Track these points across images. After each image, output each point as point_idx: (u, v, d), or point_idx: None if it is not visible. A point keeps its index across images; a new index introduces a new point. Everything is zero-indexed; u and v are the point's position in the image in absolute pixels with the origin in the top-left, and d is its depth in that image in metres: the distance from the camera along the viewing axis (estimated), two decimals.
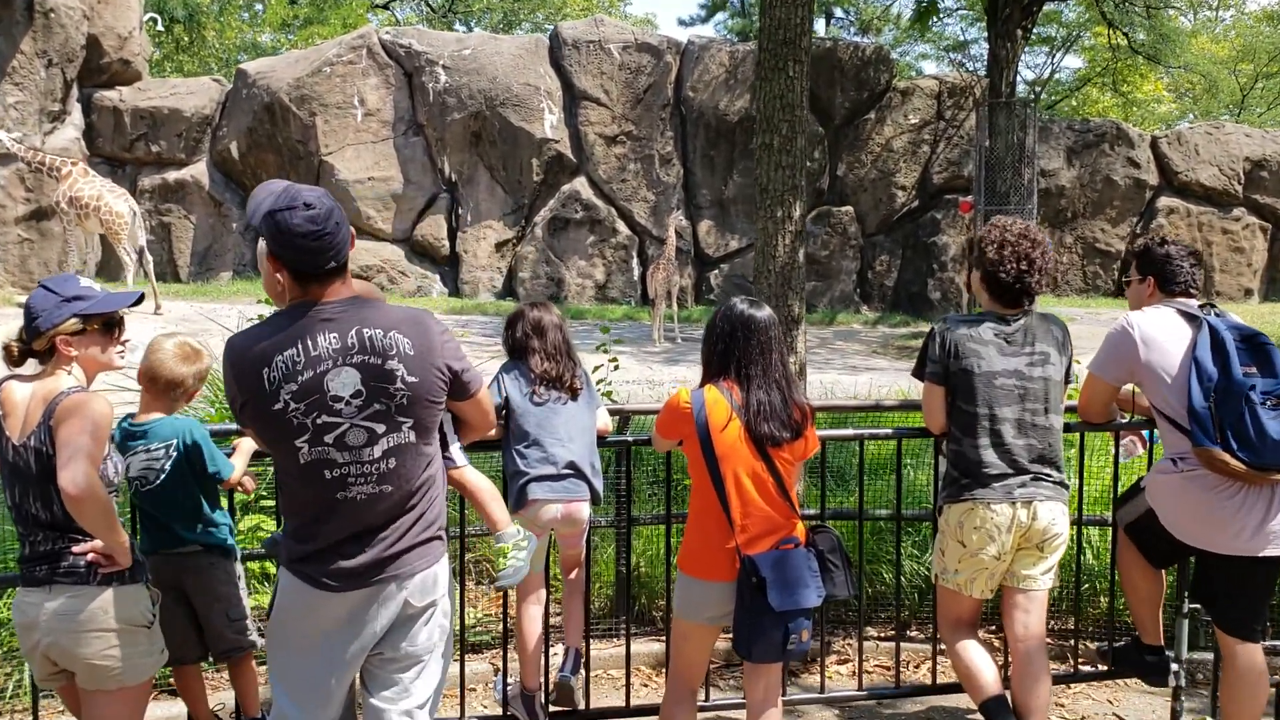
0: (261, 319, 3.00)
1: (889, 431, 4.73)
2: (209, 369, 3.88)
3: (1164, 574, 4.26)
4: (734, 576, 3.40)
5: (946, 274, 19.50)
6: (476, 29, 34.84)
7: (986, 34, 17.31)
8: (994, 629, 5.30)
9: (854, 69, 19.72)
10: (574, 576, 4.35)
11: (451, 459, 2.93)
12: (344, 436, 2.65)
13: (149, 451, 3.66)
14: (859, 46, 20.44)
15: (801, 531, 3.53)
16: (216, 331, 7.28)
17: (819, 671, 4.64)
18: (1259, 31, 33.24)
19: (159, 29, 26.37)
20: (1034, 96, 24.45)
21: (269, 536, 3.61)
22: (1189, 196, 20.89)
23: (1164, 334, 3.85)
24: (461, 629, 4.36)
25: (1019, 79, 19.12)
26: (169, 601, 3.59)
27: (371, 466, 2.68)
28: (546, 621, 4.32)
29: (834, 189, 20.03)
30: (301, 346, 2.63)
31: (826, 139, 19.77)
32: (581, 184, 19.55)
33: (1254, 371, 3.68)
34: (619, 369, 7.26)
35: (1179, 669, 4.34)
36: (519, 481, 4.01)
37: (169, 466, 3.65)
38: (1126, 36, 22.67)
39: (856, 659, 4.74)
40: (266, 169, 19.01)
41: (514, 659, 4.35)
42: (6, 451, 3.00)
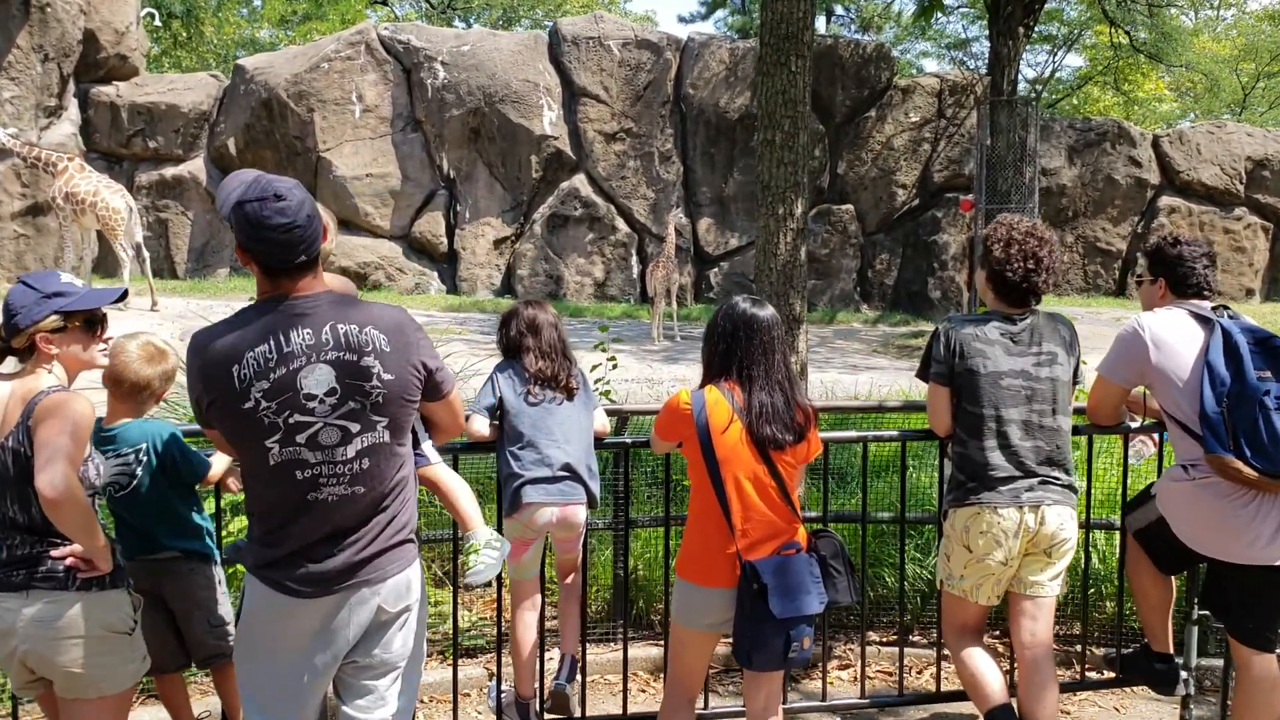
0: None
1: (893, 434, 4.64)
2: (176, 369, 3.72)
3: (1174, 580, 4.17)
4: (734, 582, 3.31)
5: (947, 273, 19.42)
6: (476, 25, 34.73)
7: (988, 32, 17.23)
8: (999, 634, 5.22)
9: (855, 67, 19.63)
10: (570, 581, 4.25)
11: (424, 456, 2.83)
12: (317, 436, 2.56)
13: (120, 456, 3.55)
14: (860, 44, 20.35)
15: (803, 536, 3.44)
16: None
17: (820, 677, 4.55)
18: (1261, 30, 33.14)
19: (157, 24, 26.26)
20: (1035, 95, 24.37)
21: (231, 543, 3.50)
22: (1190, 196, 20.81)
23: (1175, 336, 3.74)
24: (455, 632, 4.28)
25: (1020, 77, 19.03)
26: (148, 608, 3.49)
27: (344, 467, 2.59)
28: (542, 627, 4.23)
29: (834, 187, 19.93)
30: (274, 342, 2.54)
31: (827, 137, 19.67)
32: (581, 181, 19.46)
33: (1268, 376, 3.57)
34: (618, 368, 7.18)
35: (1188, 677, 4.26)
36: (513, 484, 3.90)
37: (140, 471, 3.54)
38: (1128, 35, 22.60)
39: (859, 665, 4.65)
40: (264, 165, 18.87)
41: (509, 664, 4.25)
42: None
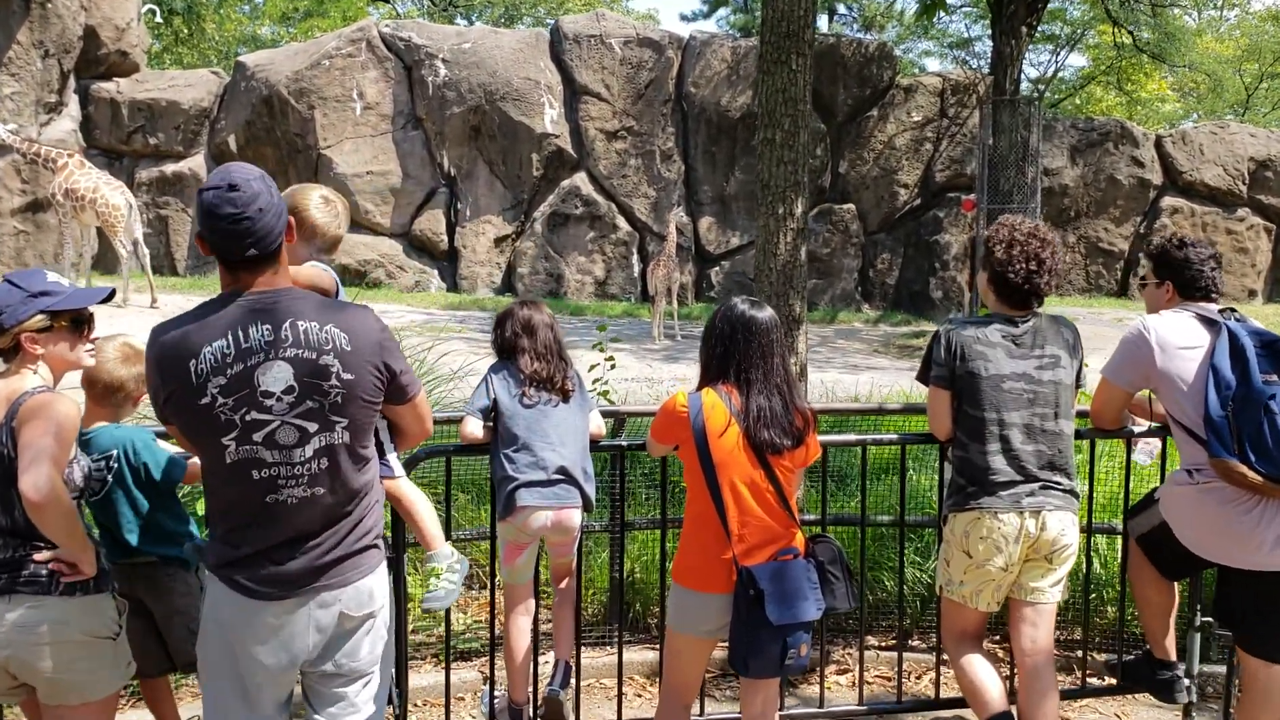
0: None
1: (893, 437, 4.60)
2: None
3: (1176, 586, 4.12)
4: (730, 588, 3.26)
5: (949, 273, 19.36)
6: (477, 22, 34.69)
7: (991, 31, 17.17)
8: (999, 638, 5.17)
9: (857, 66, 19.57)
10: (564, 586, 4.20)
11: (388, 468, 2.78)
12: (274, 434, 2.51)
13: (92, 462, 3.48)
14: (862, 43, 20.29)
15: (801, 541, 3.39)
16: None
17: (818, 682, 4.50)
18: (1264, 31, 33.06)
19: (158, 21, 26.22)
20: (1038, 94, 24.33)
21: (189, 543, 3.43)
22: (1193, 196, 20.75)
23: (1181, 339, 3.69)
24: (446, 635, 4.23)
25: (1023, 77, 18.98)
26: (130, 612, 3.44)
27: (302, 467, 2.54)
28: (536, 631, 4.18)
29: (836, 186, 19.88)
30: (232, 338, 2.49)
31: (829, 136, 19.61)
32: (581, 179, 19.41)
33: (1274, 379, 3.53)
34: (618, 367, 7.13)
35: (1190, 684, 4.21)
36: (507, 487, 3.85)
37: (111, 478, 3.46)
38: (1131, 35, 22.55)
39: (857, 670, 4.60)
40: (265, 162, 18.85)
41: (502, 668, 4.21)
42: None
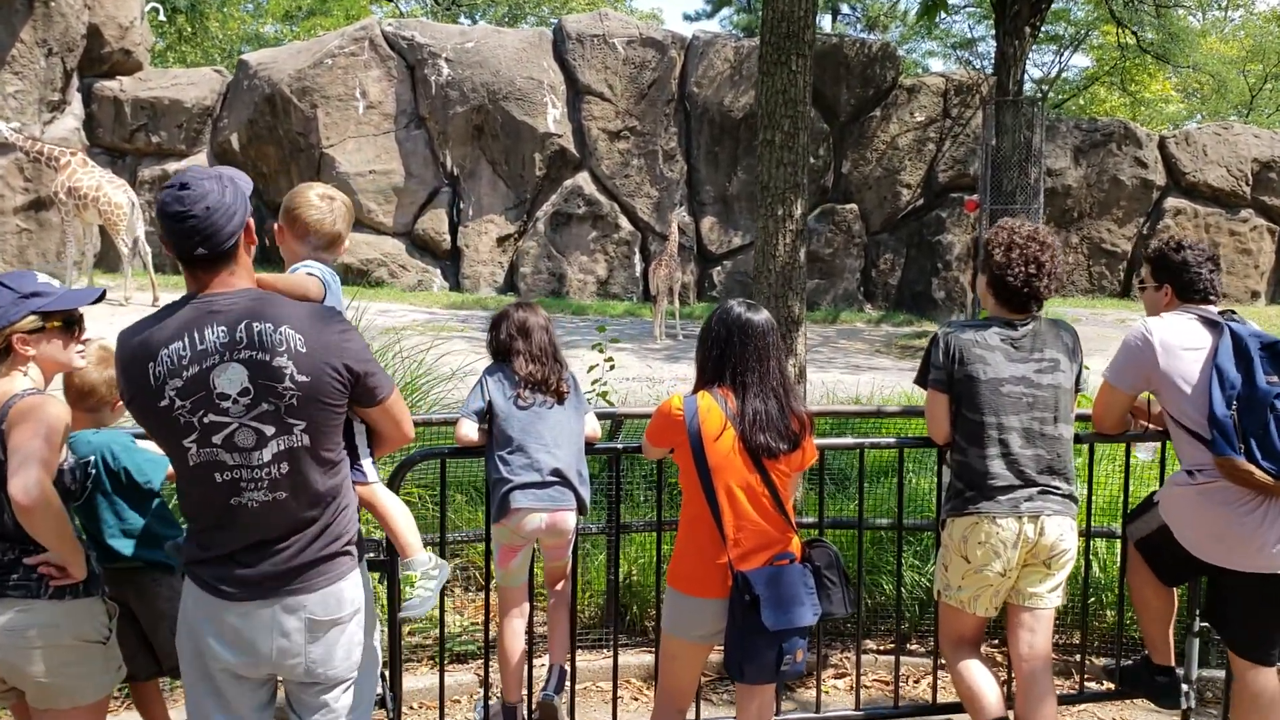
0: None
1: (891, 440, 4.58)
2: None
3: (1175, 591, 4.10)
4: (726, 593, 3.24)
5: (951, 273, 19.32)
6: (481, 22, 34.67)
7: (994, 31, 17.13)
8: (997, 643, 5.15)
9: (860, 66, 19.53)
10: (559, 589, 4.18)
11: (362, 473, 2.75)
12: (232, 437, 2.51)
13: (70, 466, 3.45)
14: (865, 43, 20.25)
15: (797, 546, 3.38)
16: None
17: (815, 687, 4.48)
18: (1268, 31, 32.96)
19: (161, 19, 26.22)
20: (1041, 95, 24.29)
21: (169, 542, 3.42)
22: (1196, 197, 20.70)
23: (1184, 341, 3.69)
24: (441, 638, 4.22)
25: (1026, 77, 18.93)
26: (118, 616, 3.43)
27: (262, 471, 2.53)
28: (531, 634, 4.17)
29: (838, 186, 19.84)
30: (188, 340, 2.49)
31: (831, 136, 19.57)
32: (584, 179, 19.39)
33: (1276, 380, 3.54)
34: (619, 367, 7.12)
35: (1189, 689, 4.19)
36: (501, 489, 3.84)
37: (90, 484, 3.42)
38: (1135, 35, 22.50)
39: (854, 674, 4.58)
40: (267, 161, 18.87)
41: (496, 671, 4.19)
42: None
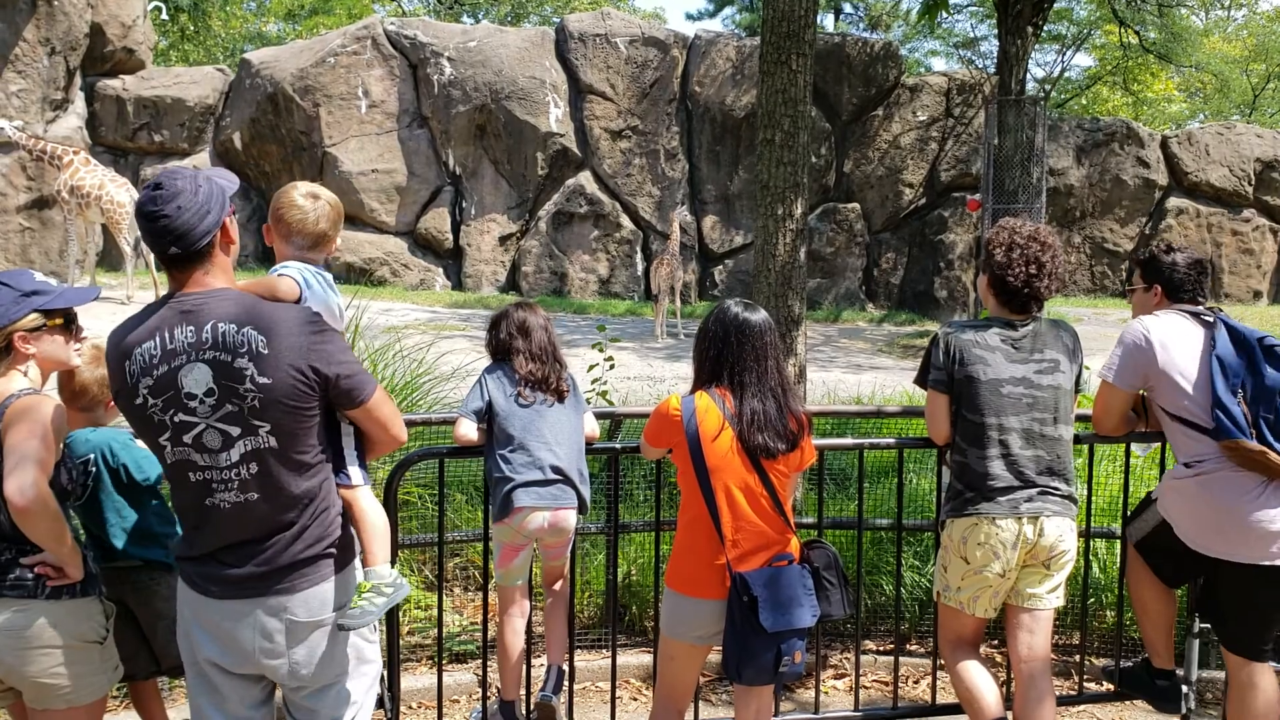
0: None
1: (890, 441, 4.57)
2: None
3: (1176, 594, 4.09)
4: (724, 594, 3.23)
5: (953, 272, 19.31)
6: (483, 21, 34.65)
7: (996, 31, 17.10)
8: (996, 643, 5.15)
9: (862, 65, 19.52)
10: (558, 589, 4.18)
11: (346, 477, 2.74)
12: (201, 438, 2.53)
13: (71, 466, 3.45)
14: (867, 42, 20.23)
15: (796, 547, 3.37)
16: None
17: (814, 687, 4.48)
18: (1271, 31, 32.91)
19: (164, 18, 26.22)
20: (1044, 94, 24.24)
21: (173, 540, 3.42)
22: (1199, 197, 20.68)
23: (1180, 337, 3.75)
24: (439, 638, 4.21)
25: (1029, 77, 18.89)
26: (116, 615, 3.43)
27: (231, 472, 2.54)
28: (530, 634, 4.16)
29: (840, 185, 19.83)
30: (159, 339, 2.54)
31: (833, 135, 19.56)
32: (586, 178, 19.38)
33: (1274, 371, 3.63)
34: (620, 366, 7.12)
35: (1189, 691, 4.19)
36: (503, 488, 3.84)
37: (91, 482, 3.42)
38: (1138, 35, 22.45)
39: (854, 675, 4.58)
40: (269, 160, 18.88)
41: (494, 671, 4.19)
42: None
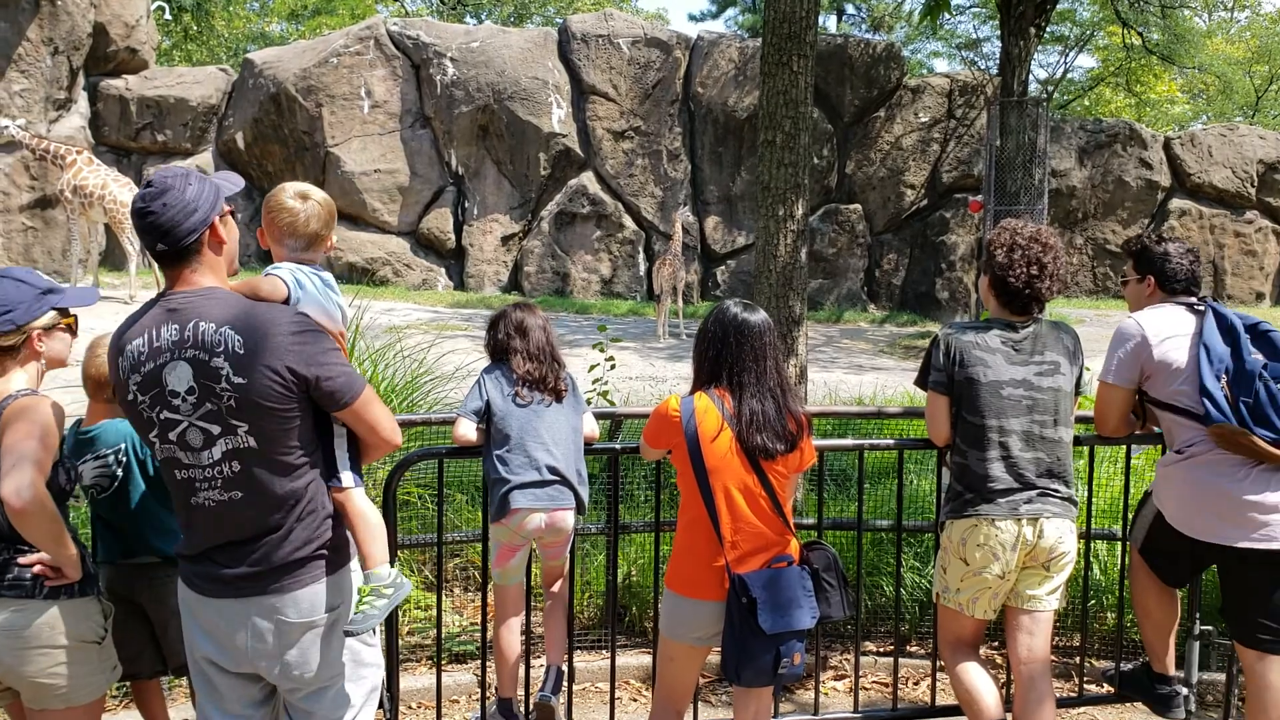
0: None
1: (890, 442, 4.56)
2: None
3: (1179, 596, 4.08)
4: (723, 595, 3.23)
5: (955, 273, 19.29)
6: (486, 21, 34.66)
7: (999, 32, 17.09)
8: (996, 645, 5.14)
9: (864, 66, 19.51)
10: (557, 589, 4.17)
11: (338, 480, 2.73)
12: (185, 435, 2.57)
13: (99, 459, 3.47)
14: (870, 44, 20.22)
15: (795, 548, 3.37)
16: None
17: (813, 688, 4.48)
18: (1275, 33, 32.89)
19: (167, 18, 26.24)
20: (1046, 96, 24.21)
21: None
22: (1201, 198, 20.66)
23: (1172, 328, 3.77)
24: (438, 638, 4.21)
25: (1031, 78, 18.90)
26: (125, 613, 3.43)
27: (214, 470, 2.57)
28: (528, 635, 4.16)
29: (842, 187, 19.82)
30: (147, 336, 2.59)
31: (835, 136, 19.55)
32: (589, 179, 19.38)
33: (1259, 357, 3.64)
34: (621, 366, 7.12)
35: (1189, 694, 4.18)
36: (500, 489, 3.83)
37: (120, 472, 3.45)
38: (1141, 36, 22.43)
39: (853, 676, 4.57)
40: (272, 160, 18.89)
41: (493, 672, 4.19)
42: None
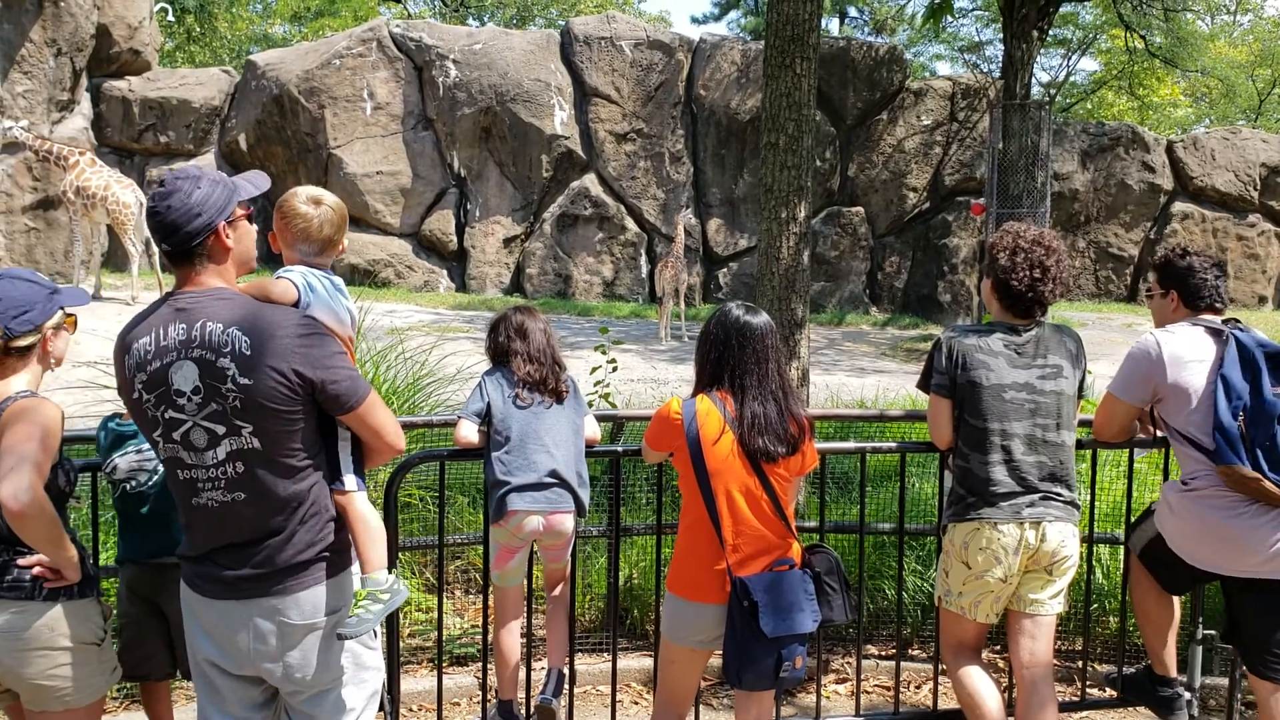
0: None
1: (892, 445, 4.56)
2: None
3: (1178, 601, 4.07)
4: (725, 599, 3.22)
5: (957, 276, 19.28)
6: (489, 23, 34.68)
7: (1002, 35, 17.09)
8: (998, 648, 5.13)
9: (867, 69, 19.51)
10: (558, 592, 4.16)
11: (341, 483, 2.73)
12: (188, 435, 2.57)
13: (140, 452, 3.47)
14: (872, 46, 20.21)
15: (797, 552, 3.36)
16: None
17: (815, 692, 4.47)
18: (1277, 36, 32.87)
19: (170, 19, 26.27)
20: (1049, 99, 24.21)
21: None
22: (1204, 202, 20.63)
23: (1191, 353, 3.67)
24: (439, 640, 4.20)
25: (1034, 81, 18.88)
26: (144, 613, 3.44)
27: (217, 470, 2.57)
28: (529, 637, 4.15)
29: (845, 189, 19.81)
30: (154, 336, 2.60)
31: (838, 139, 19.55)
32: (591, 181, 19.38)
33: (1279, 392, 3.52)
34: (623, 369, 7.11)
35: (1192, 698, 4.17)
36: (499, 491, 3.83)
37: (159, 467, 3.42)
38: (1144, 39, 22.43)
39: (855, 680, 4.56)
40: (275, 161, 18.89)
41: (494, 675, 4.18)
42: None
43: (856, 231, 19.63)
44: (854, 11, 32.54)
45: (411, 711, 4.71)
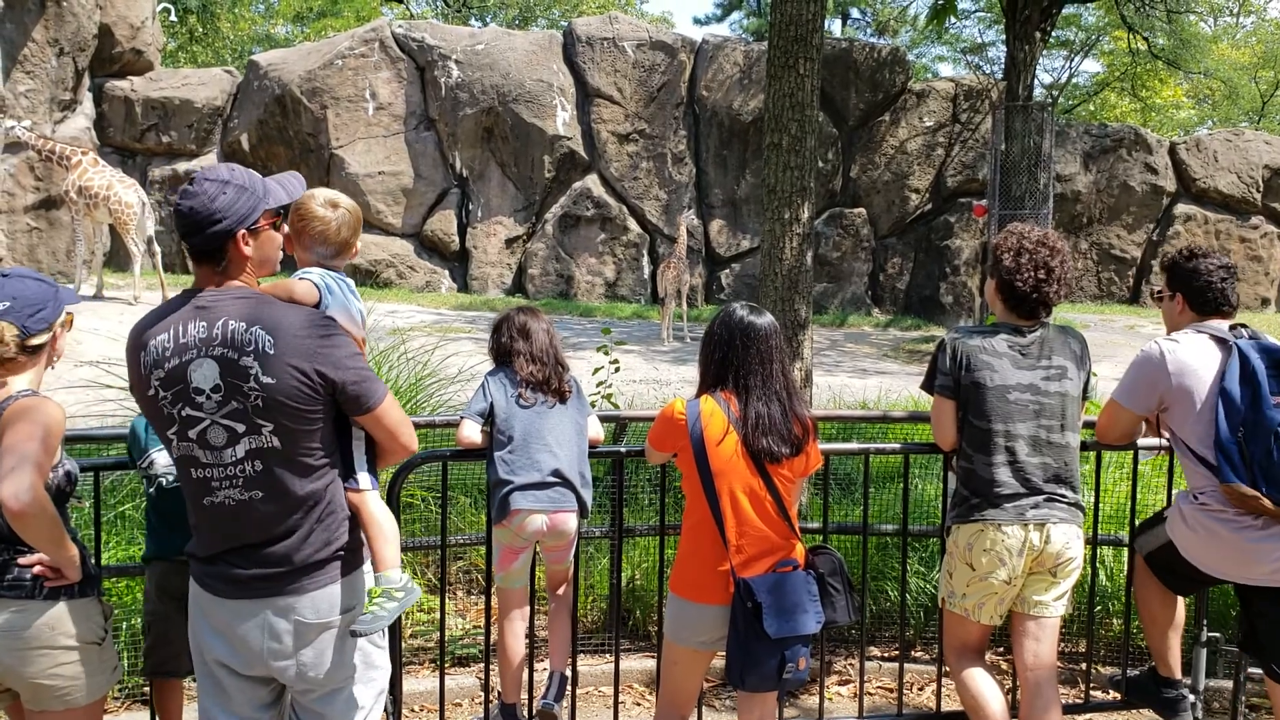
0: None
1: (896, 446, 4.55)
2: None
3: (1182, 602, 4.06)
4: (728, 600, 3.21)
5: (959, 278, 19.28)
6: (492, 24, 34.69)
7: (1004, 36, 17.08)
8: (1002, 650, 5.12)
9: (869, 70, 19.50)
10: (561, 593, 4.15)
11: (355, 482, 2.73)
12: (206, 433, 2.56)
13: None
14: (875, 47, 20.20)
15: (801, 553, 3.35)
16: None
17: (818, 693, 4.46)
18: None
19: (172, 19, 26.28)
20: (1051, 100, 24.20)
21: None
22: (1206, 204, 20.62)
23: (1197, 363, 3.63)
24: (441, 641, 4.19)
25: (1036, 82, 18.86)
26: (171, 610, 3.43)
27: (235, 469, 2.57)
28: (531, 639, 4.14)
29: (847, 190, 19.81)
30: (172, 333, 2.59)
31: (840, 140, 19.54)
32: (593, 181, 19.38)
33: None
34: (626, 369, 7.10)
35: (1196, 700, 4.16)
36: (501, 491, 3.82)
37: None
38: (1146, 41, 22.42)
39: (858, 681, 4.55)
40: (277, 161, 18.89)
41: (497, 674, 4.17)
42: None
43: (859, 233, 19.62)
44: (857, 13, 32.54)
45: (413, 712, 4.70)
